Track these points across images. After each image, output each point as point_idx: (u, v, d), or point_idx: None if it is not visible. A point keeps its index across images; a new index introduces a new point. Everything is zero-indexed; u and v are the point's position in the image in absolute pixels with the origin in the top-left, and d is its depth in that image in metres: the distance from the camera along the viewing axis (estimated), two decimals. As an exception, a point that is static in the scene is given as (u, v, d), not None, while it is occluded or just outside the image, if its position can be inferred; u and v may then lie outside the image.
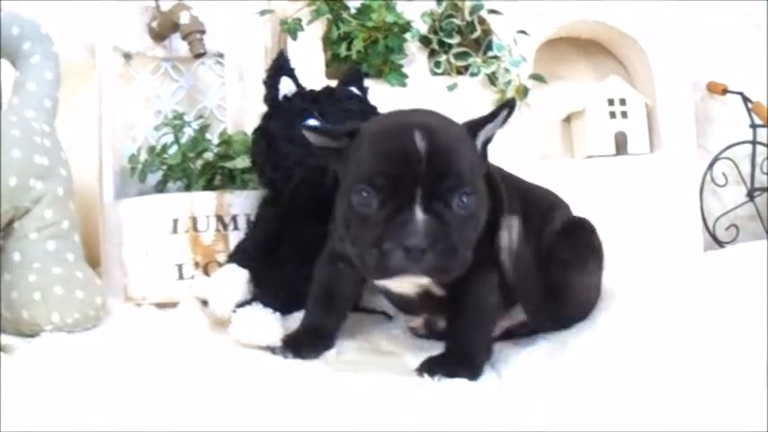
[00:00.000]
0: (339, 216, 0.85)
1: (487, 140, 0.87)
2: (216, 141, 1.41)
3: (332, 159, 0.87)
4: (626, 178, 1.46)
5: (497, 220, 0.89)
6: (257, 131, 1.10)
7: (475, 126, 0.83)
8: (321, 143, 0.87)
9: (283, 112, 1.06)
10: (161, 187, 1.36)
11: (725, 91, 1.60)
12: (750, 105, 1.58)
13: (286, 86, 1.11)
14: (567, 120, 1.56)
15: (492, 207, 0.87)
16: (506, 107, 0.84)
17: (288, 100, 1.09)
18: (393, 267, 0.74)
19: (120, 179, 1.37)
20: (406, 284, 0.89)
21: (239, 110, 1.55)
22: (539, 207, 0.99)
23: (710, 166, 1.58)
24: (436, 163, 0.75)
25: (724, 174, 1.60)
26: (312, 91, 1.11)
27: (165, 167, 1.35)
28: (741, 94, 1.59)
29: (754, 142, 1.59)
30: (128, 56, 1.50)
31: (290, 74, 1.13)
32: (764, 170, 1.60)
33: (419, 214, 0.74)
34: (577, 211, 1.06)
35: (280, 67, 1.13)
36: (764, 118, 1.55)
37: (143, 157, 1.39)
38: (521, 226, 0.90)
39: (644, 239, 1.42)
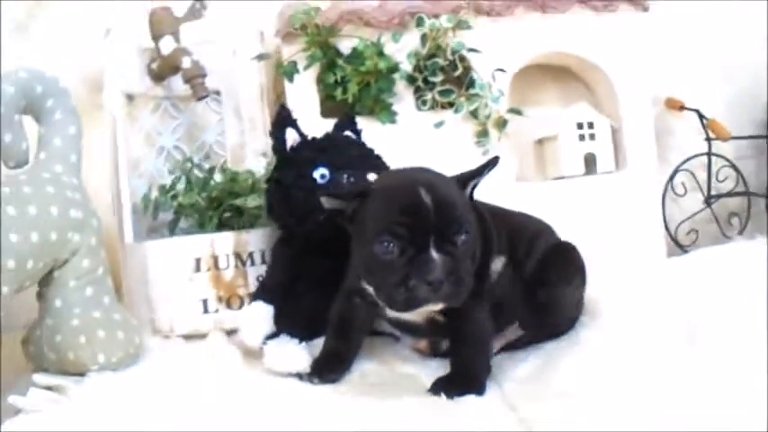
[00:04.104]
0: (361, 264, 1.00)
1: (473, 188, 1.03)
2: (217, 174, 1.51)
3: (342, 219, 1.01)
4: (595, 195, 1.61)
5: (488, 258, 1.05)
6: (271, 181, 1.21)
7: (464, 179, 1.00)
8: (334, 206, 1.01)
9: (293, 163, 1.18)
10: (173, 225, 1.47)
11: (682, 108, 1.76)
12: (705, 122, 1.73)
13: (291, 137, 1.22)
14: (540, 142, 1.70)
15: (483, 247, 1.03)
16: (490, 165, 1.01)
17: (295, 150, 1.20)
18: (420, 299, 0.91)
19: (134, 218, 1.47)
20: (416, 316, 1.03)
21: (238, 145, 1.66)
22: (524, 237, 1.15)
23: (671, 177, 1.73)
24: (442, 212, 0.92)
25: (683, 184, 1.76)
26: (315, 140, 1.22)
27: (175, 205, 1.45)
28: (697, 111, 1.74)
29: (709, 154, 1.75)
30: (130, 97, 1.59)
31: (293, 124, 1.24)
32: (719, 179, 1.77)
33: (435, 255, 0.91)
34: (556, 228, 1.21)
35: (283, 119, 1.23)
36: (720, 134, 1.71)
37: (154, 195, 1.49)
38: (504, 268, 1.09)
39: (613, 247, 1.56)
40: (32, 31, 1.71)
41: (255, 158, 1.61)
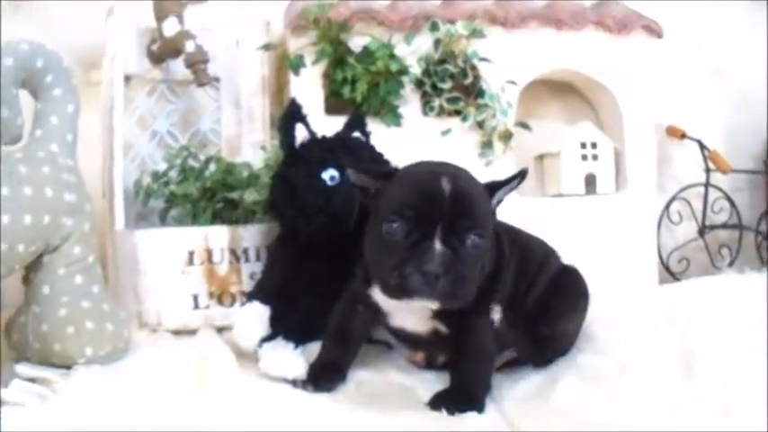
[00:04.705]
0: (368, 243, 0.97)
1: (499, 201, 1.00)
2: (209, 162, 1.46)
3: (365, 197, 0.99)
4: (593, 215, 1.60)
5: (499, 273, 1.02)
6: (278, 178, 1.17)
7: (493, 187, 0.97)
8: (360, 182, 0.99)
9: (303, 161, 1.14)
10: (164, 214, 1.42)
11: (683, 136, 1.76)
12: (707, 153, 1.74)
13: (300, 133, 1.19)
14: (540, 158, 1.69)
15: (495, 260, 1.00)
16: (519, 176, 0.98)
17: (305, 148, 1.17)
18: (411, 289, 0.87)
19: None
20: (419, 325, 1.02)
21: (234, 135, 1.61)
22: (534, 258, 1.13)
23: (668, 205, 1.74)
24: (457, 205, 0.88)
25: (679, 212, 1.76)
26: (326, 139, 1.19)
27: (167, 193, 1.40)
28: (699, 141, 1.74)
29: (707, 185, 1.76)
30: (127, 78, 1.53)
31: (303, 120, 1.20)
32: (715, 210, 1.78)
33: (438, 245, 0.87)
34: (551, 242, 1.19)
35: (293, 114, 1.20)
36: (720, 166, 1.72)
37: (146, 181, 1.44)
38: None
39: (608, 269, 1.56)
40: (28, 6, 1.64)
41: (253, 151, 1.56)
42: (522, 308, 1.08)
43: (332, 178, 1.11)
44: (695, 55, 1.87)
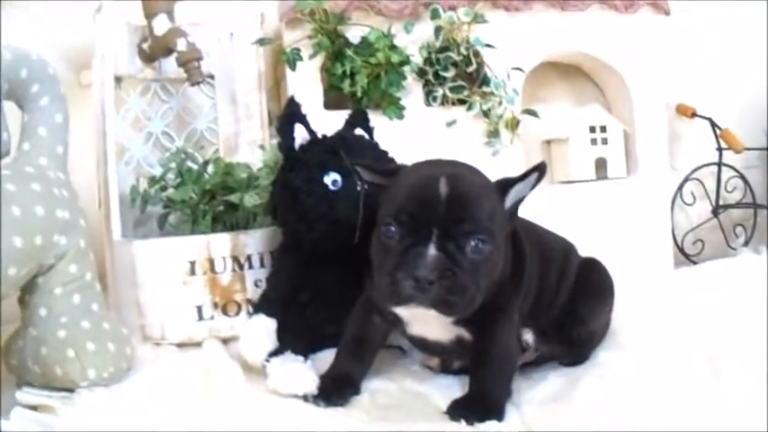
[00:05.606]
0: (372, 245, 0.93)
1: (518, 200, 0.94)
2: (207, 165, 1.42)
3: (379, 194, 0.95)
4: (604, 201, 1.56)
5: (521, 273, 0.98)
6: (278, 183, 1.12)
7: (506, 184, 0.91)
8: (370, 179, 0.96)
9: (303, 165, 1.09)
10: (163, 221, 1.37)
11: (694, 114, 1.70)
12: (719, 132, 1.68)
13: (300, 134, 1.13)
14: (548, 143, 1.64)
15: (514, 261, 0.96)
16: (537, 170, 0.91)
17: (305, 150, 1.12)
18: (403, 295, 0.84)
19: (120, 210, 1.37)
20: (442, 334, 0.98)
21: (232, 133, 1.56)
22: (556, 258, 1.08)
23: (680, 186, 1.69)
24: (455, 208, 0.84)
25: (692, 192, 1.72)
26: (326, 140, 1.14)
27: (165, 199, 1.36)
28: (710, 119, 1.69)
29: (719, 164, 1.71)
30: (118, 78, 1.48)
31: (303, 120, 1.15)
32: (728, 189, 1.73)
33: (431, 251, 0.83)
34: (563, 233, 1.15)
35: (292, 114, 1.14)
36: (733, 145, 1.67)
37: (142, 186, 1.40)
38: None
39: (622, 256, 1.50)
40: (15, 5, 1.58)
41: (251, 149, 1.52)
42: (549, 313, 1.04)
43: (334, 183, 1.06)
44: (704, 31, 1.81)
